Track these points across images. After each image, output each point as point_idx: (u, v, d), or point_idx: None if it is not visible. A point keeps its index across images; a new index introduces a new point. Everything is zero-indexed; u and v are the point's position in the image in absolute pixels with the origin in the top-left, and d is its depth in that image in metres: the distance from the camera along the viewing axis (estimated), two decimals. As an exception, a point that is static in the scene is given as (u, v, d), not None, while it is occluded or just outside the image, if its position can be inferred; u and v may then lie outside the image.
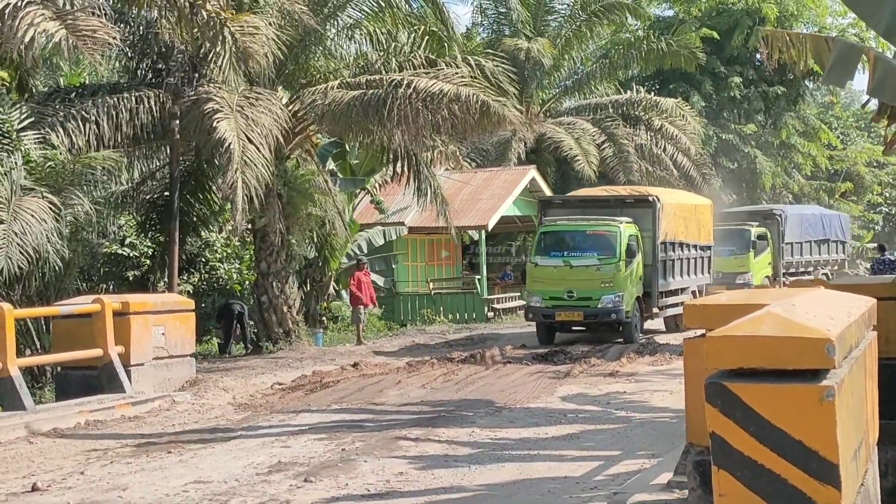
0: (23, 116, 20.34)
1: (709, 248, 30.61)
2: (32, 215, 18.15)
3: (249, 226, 25.53)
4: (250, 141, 20.97)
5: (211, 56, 21.39)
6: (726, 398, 4.75)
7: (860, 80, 11.18)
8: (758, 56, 15.83)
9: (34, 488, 10.22)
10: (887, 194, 64.91)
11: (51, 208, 18.52)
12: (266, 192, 22.13)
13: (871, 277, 18.17)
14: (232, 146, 20.47)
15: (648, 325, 27.41)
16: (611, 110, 41.13)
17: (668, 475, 8.35)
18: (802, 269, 39.79)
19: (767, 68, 40.20)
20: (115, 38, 18.41)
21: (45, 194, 18.71)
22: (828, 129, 57.97)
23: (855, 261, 51.49)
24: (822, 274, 40.28)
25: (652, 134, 41.37)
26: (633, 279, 25.24)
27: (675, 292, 27.64)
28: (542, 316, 25.10)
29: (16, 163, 19.26)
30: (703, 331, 6.22)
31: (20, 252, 17.74)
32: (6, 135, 19.75)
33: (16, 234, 17.74)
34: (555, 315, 24.90)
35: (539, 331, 25.69)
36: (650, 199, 26.76)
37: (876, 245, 42.42)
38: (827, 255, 42.55)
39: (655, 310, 26.46)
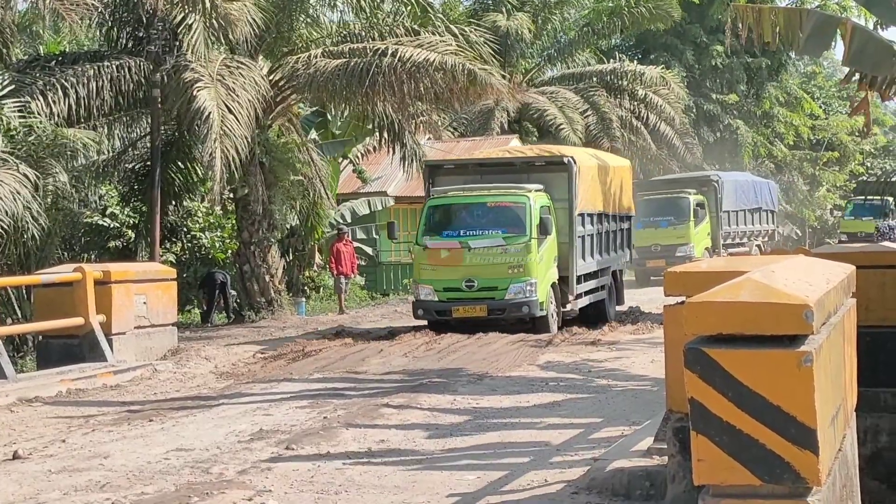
0: (3, 84, 20.20)
1: (629, 218, 26.12)
2: (11, 189, 18.02)
3: (231, 195, 25.48)
4: (230, 111, 20.93)
5: (190, 23, 21.27)
6: (705, 364, 4.77)
7: (842, 51, 11.22)
8: (725, 33, 15.58)
9: (15, 456, 10.21)
10: (869, 164, 65.10)
11: (27, 177, 18.39)
12: (247, 161, 22.08)
13: (851, 245, 18.30)
14: (212, 116, 20.42)
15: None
16: (594, 80, 41.01)
17: (648, 442, 8.38)
18: (738, 241, 38.26)
19: (728, 47, 39.97)
20: (94, 3, 18.30)
21: (20, 166, 18.59)
22: (810, 98, 58.02)
23: (837, 232, 51.06)
24: (756, 246, 39.19)
25: (636, 103, 41.30)
26: (547, 262, 20.67)
27: (594, 275, 23.01)
28: (434, 313, 20.30)
29: (-3, 132, 19.17)
30: (683, 298, 6.24)
31: (2, 228, 17.64)
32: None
33: None
34: (451, 311, 20.12)
35: (432, 325, 20.72)
36: (565, 160, 21.82)
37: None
38: (759, 226, 40.96)
39: (571, 298, 21.69)
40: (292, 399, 13.21)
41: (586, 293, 22.47)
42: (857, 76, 12.28)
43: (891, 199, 44.41)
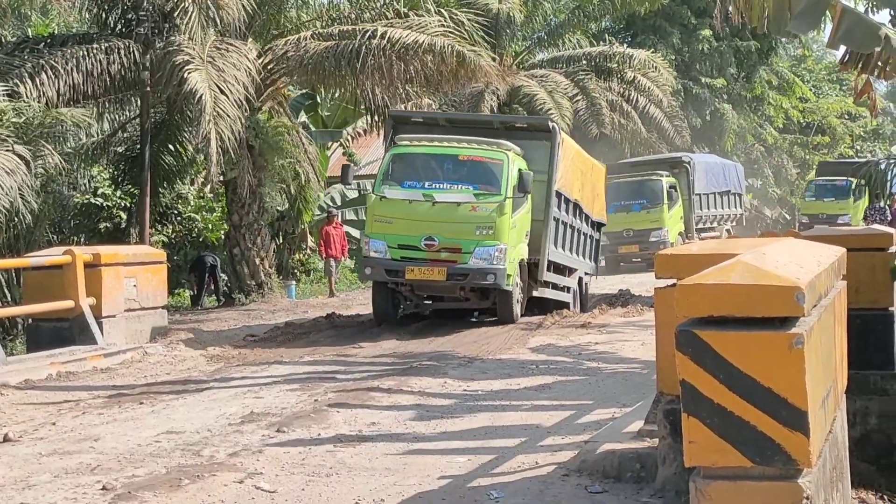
0: (-8, 65, 20.16)
1: (601, 228, 24.35)
2: (4, 169, 18.00)
3: (222, 177, 25.49)
4: (222, 92, 20.90)
5: (185, 5, 21.22)
6: (696, 346, 4.78)
7: (828, 32, 11.22)
8: (715, 19, 15.24)
9: (5, 439, 10.19)
10: (858, 147, 65.19)
11: (21, 158, 18.36)
12: (237, 143, 22.05)
13: (842, 228, 18.32)
14: (204, 97, 20.39)
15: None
16: (584, 63, 40.91)
17: (639, 424, 8.40)
18: (709, 225, 37.25)
19: (720, 28, 39.72)
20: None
21: (14, 146, 18.55)
22: (800, 81, 58.04)
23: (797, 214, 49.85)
24: (726, 230, 38.24)
25: (625, 86, 41.22)
26: (519, 232, 18.42)
27: (562, 271, 20.96)
28: (383, 272, 17.74)
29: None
30: (674, 280, 6.25)
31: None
32: (-26, 85, 19.59)
33: None
34: (404, 271, 17.56)
35: (376, 297, 18.54)
36: (550, 125, 19.91)
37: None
38: (728, 209, 39.93)
39: (538, 285, 19.60)
40: (283, 382, 13.21)
41: (553, 287, 20.52)
42: (852, 61, 12.27)
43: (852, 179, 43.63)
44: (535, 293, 19.60)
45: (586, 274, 22.95)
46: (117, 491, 8.03)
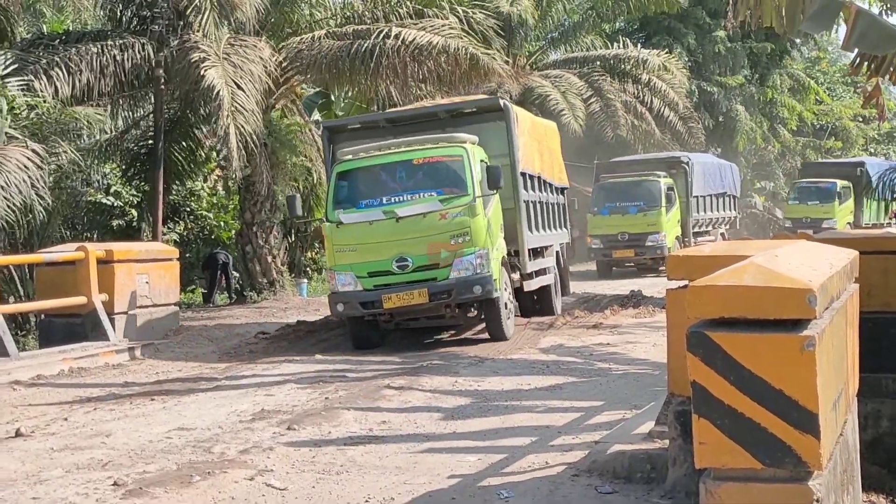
0: (7, 62, 20.19)
1: (564, 192, 22.46)
2: (18, 166, 18.06)
3: (239, 173, 25.54)
4: (239, 87, 20.92)
5: (199, 4, 21.27)
6: (708, 347, 4.78)
7: (843, 34, 11.21)
8: (728, 20, 14.86)
9: (18, 434, 10.25)
10: (872, 149, 65.05)
11: (36, 153, 18.43)
12: (253, 141, 22.09)
13: (854, 231, 18.22)
14: (221, 93, 20.43)
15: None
16: (598, 64, 40.82)
17: (649, 425, 8.40)
18: (704, 229, 35.65)
19: (729, 30, 39.31)
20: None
21: (28, 143, 18.62)
22: (815, 84, 57.86)
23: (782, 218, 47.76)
24: (720, 234, 36.89)
25: (639, 88, 41.10)
26: (495, 230, 16.66)
27: (539, 252, 19.41)
28: (358, 305, 15.84)
29: (1, 110, 19.18)
30: (686, 282, 6.24)
31: (8, 206, 17.68)
32: (-9, 80, 19.67)
33: (1, 188, 17.67)
34: (381, 301, 15.69)
35: (354, 331, 16.58)
36: (501, 103, 18.12)
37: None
38: (724, 212, 38.18)
39: (521, 278, 18.16)
40: (294, 380, 13.24)
41: (536, 273, 18.89)
42: (864, 64, 12.25)
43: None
44: (525, 289, 18.39)
45: (560, 245, 21.51)
46: (128, 487, 8.06)
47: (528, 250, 18.25)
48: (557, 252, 20.93)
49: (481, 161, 16.60)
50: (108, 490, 8.01)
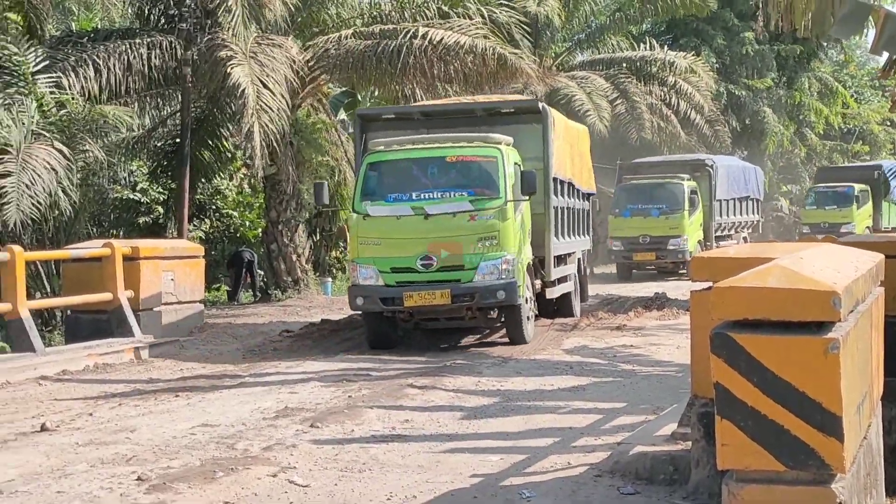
0: (38, 59, 20.32)
1: (590, 196, 22.30)
2: (44, 165, 18.15)
3: (262, 172, 25.62)
4: (265, 86, 20.98)
5: (229, 4, 21.33)
6: (731, 349, 4.78)
7: (872, 38, 11.17)
8: (757, 24, 14.61)
9: (43, 428, 10.32)
10: (900, 154, 64.68)
11: (62, 153, 18.55)
12: (279, 139, 22.15)
13: (879, 234, 18.05)
14: (247, 92, 20.49)
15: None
16: (624, 66, 40.69)
17: (672, 427, 8.39)
18: (726, 233, 35.16)
19: (760, 34, 38.92)
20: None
21: (54, 142, 18.72)
22: (843, 88, 57.55)
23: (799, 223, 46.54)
24: (742, 238, 36.38)
25: (665, 90, 40.95)
26: (524, 233, 16.47)
27: (562, 259, 19.11)
28: (378, 301, 15.56)
29: (30, 106, 19.31)
30: (710, 283, 6.24)
31: (32, 205, 17.79)
32: (22, 77, 19.78)
33: (26, 185, 17.78)
34: (402, 298, 15.38)
35: (371, 327, 16.34)
36: (540, 106, 17.96)
37: None
38: (746, 216, 37.69)
39: (545, 286, 17.90)
40: (317, 378, 13.27)
41: (558, 281, 18.61)
42: (894, 68, 12.21)
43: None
44: (547, 296, 18.18)
45: (582, 252, 21.27)
46: (152, 481, 8.11)
47: (554, 257, 18.02)
48: (579, 259, 20.78)
49: (515, 164, 16.33)
50: (131, 485, 8.06)
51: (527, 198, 16.25)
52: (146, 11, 24.80)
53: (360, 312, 16.39)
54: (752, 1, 46.14)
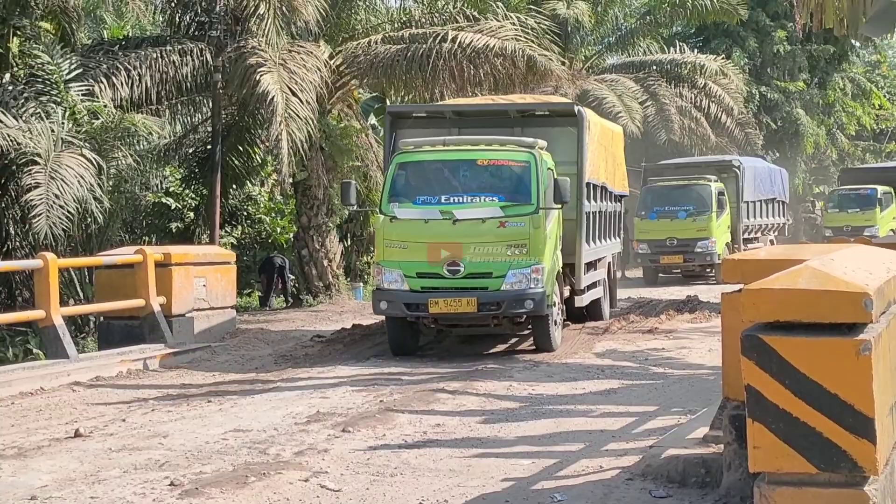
0: (70, 68, 20.45)
1: (623, 198, 21.94)
2: (74, 174, 18.20)
3: (291, 179, 25.69)
4: (293, 94, 21.05)
5: (261, 12, 21.42)
6: (762, 351, 4.76)
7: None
8: (799, 21, 14.41)
9: (77, 434, 10.38)
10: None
11: (92, 163, 18.65)
12: (308, 145, 22.20)
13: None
14: (275, 99, 20.57)
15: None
16: (654, 69, 40.54)
17: (704, 430, 8.36)
18: (753, 235, 34.63)
19: (799, 31, 38.55)
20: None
21: (84, 150, 18.83)
22: (875, 87, 57.18)
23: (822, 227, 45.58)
24: (769, 241, 35.88)
25: (695, 93, 40.78)
26: (554, 242, 15.97)
27: (592, 264, 18.65)
28: (402, 306, 15.18)
29: (62, 114, 19.44)
30: (741, 285, 6.21)
31: (63, 215, 17.88)
32: (54, 85, 19.92)
33: (55, 196, 17.86)
34: (426, 305, 14.98)
35: (393, 333, 15.91)
36: (576, 109, 17.56)
37: None
38: (773, 218, 37.04)
39: (577, 294, 17.60)
40: (348, 383, 13.29)
41: (588, 287, 18.20)
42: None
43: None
44: (576, 304, 17.75)
45: (612, 255, 20.78)
46: (185, 487, 8.14)
47: (584, 264, 17.60)
48: (609, 263, 20.37)
49: (548, 169, 15.82)
50: (164, 490, 8.09)
51: (559, 206, 15.78)
52: (177, 19, 24.93)
53: (384, 314, 16.01)
54: (786, 1, 45.95)
